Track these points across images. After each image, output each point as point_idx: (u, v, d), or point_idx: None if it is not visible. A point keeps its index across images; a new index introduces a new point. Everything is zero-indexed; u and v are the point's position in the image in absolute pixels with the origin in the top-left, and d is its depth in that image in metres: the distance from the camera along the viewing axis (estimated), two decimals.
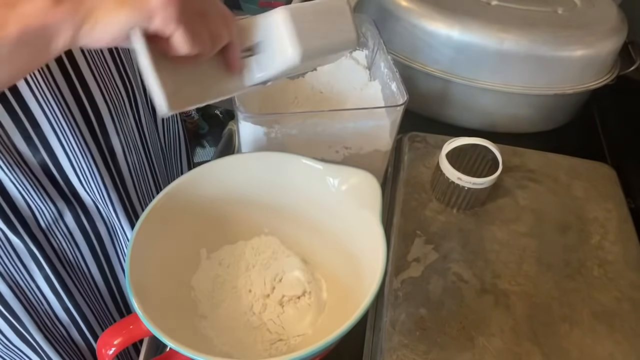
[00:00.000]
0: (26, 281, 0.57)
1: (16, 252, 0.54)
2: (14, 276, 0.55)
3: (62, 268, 0.58)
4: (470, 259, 0.52)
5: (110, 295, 0.68)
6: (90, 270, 0.63)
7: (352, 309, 0.40)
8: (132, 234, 0.44)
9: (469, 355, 0.44)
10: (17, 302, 0.57)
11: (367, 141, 0.58)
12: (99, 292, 0.66)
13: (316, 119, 0.55)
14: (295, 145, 0.57)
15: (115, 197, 0.59)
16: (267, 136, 0.56)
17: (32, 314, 0.59)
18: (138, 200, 0.63)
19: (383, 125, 0.56)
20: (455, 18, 0.68)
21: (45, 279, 0.57)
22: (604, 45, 0.69)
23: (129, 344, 0.42)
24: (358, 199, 0.49)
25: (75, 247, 0.59)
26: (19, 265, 0.55)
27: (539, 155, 0.63)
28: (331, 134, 0.57)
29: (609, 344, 0.46)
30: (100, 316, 0.66)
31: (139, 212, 0.64)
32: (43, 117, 0.48)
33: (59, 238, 0.57)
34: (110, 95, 0.55)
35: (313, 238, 0.55)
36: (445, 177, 0.54)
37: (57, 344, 0.63)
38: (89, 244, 0.61)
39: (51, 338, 0.62)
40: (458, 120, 0.76)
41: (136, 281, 0.42)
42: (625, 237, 0.55)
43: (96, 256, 0.62)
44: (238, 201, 0.55)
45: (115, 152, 0.57)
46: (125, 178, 0.60)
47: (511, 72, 0.69)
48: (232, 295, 0.53)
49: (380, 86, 0.62)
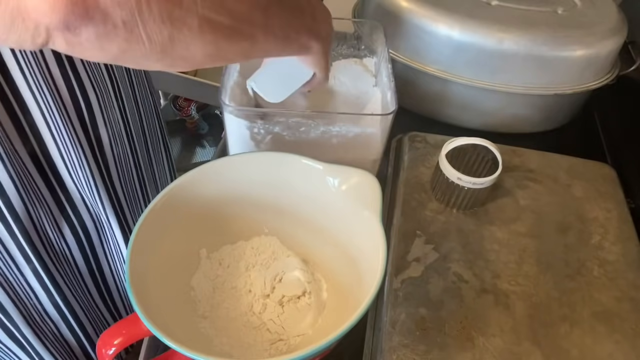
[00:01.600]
0: (15, 275, 0.56)
1: (3, 244, 0.54)
2: (2, 270, 0.55)
3: (50, 260, 0.58)
4: (470, 259, 0.52)
5: (97, 290, 0.68)
6: (77, 263, 0.63)
7: (352, 309, 0.40)
8: (131, 235, 0.44)
9: (469, 355, 0.44)
10: (5, 297, 0.56)
11: (353, 147, 0.57)
12: (86, 286, 0.66)
13: (298, 119, 0.55)
14: (281, 143, 0.57)
15: (102, 187, 0.59)
16: (250, 131, 0.56)
17: (22, 309, 0.59)
18: (122, 191, 0.64)
19: (369, 132, 0.56)
20: (455, 18, 0.68)
21: (34, 272, 0.57)
22: (604, 45, 0.69)
23: (129, 344, 0.42)
24: (358, 199, 0.49)
25: (61, 237, 0.59)
26: (6, 259, 0.55)
27: (539, 155, 0.63)
28: (315, 137, 0.56)
29: (609, 344, 0.46)
30: (89, 311, 0.66)
31: (123, 202, 0.64)
32: (34, 105, 0.49)
33: (45, 226, 0.56)
34: (98, 85, 0.55)
35: (313, 238, 0.55)
36: (445, 177, 0.54)
37: (47, 340, 0.63)
38: (75, 235, 0.61)
39: (41, 334, 0.62)
40: (458, 120, 0.76)
41: (136, 281, 0.42)
42: (625, 237, 0.55)
43: (82, 248, 0.62)
44: (238, 201, 0.55)
45: (102, 142, 0.57)
46: (111, 168, 0.60)
47: (511, 72, 0.69)
48: (232, 295, 0.53)
49: (380, 94, 0.62)
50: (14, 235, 0.54)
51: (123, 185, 0.64)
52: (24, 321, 0.59)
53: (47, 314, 0.62)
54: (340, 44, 0.68)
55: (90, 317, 0.67)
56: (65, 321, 0.64)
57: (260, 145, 0.58)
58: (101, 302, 0.69)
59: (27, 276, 0.57)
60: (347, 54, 0.69)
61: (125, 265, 0.42)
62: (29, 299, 0.59)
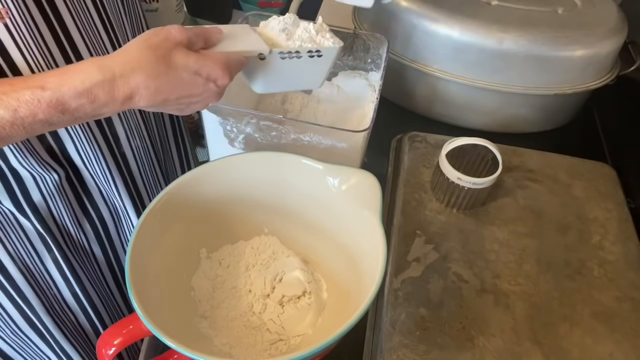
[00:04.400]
0: (36, 265, 0.58)
1: (26, 234, 0.55)
2: (25, 260, 0.56)
3: (69, 251, 0.59)
4: (470, 259, 0.52)
5: (115, 281, 0.69)
6: (95, 253, 0.64)
7: (352, 309, 0.40)
8: (132, 234, 0.45)
9: (469, 355, 0.44)
10: (28, 286, 0.58)
11: (325, 159, 0.54)
12: (104, 276, 0.67)
13: (267, 123, 0.55)
14: (255, 145, 0.57)
15: (120, 180, 0.60)
16: (224, 127, 0.57)
17: (42, 298, 0.60)
18: (144, 185, 0.65)
19: (340, 147, 0.55)
20: (455, 18, 0.68)
21: (54, 262, 0.58)
22: (604, 45, 0.69)
23: (129, 343, 0.42)
24: (358, 199, 0.49)
25: (80, 228, 0.60)
26: (29, 248, 0.56)
27: (539, 155, 0.63)
28: (287, 143, 0.56)
29: (609, 344, 0.46)
30: (107, 303, 0.67)
31: (144, 197, 0.66)
32: None
33: (64, 217, 0.57)
34: None
35: (313, 238, 0.55)
36: (445, 177, 0.54)
37: (67, 329, 0.64)
38: (93, 227, 0.62)
39: (60, 324, 0.63)
40: (458, 120, 0.76)
41: (136, 281, 0.42)
42: (625, 237, 0.55)
43: (99, 238, 0.63)
44: (238, 201, 0.55)
45: (119, 137, 0.58)
46: (130, 163, 0.61)
47: (511, 72, 0.69)
48: (232, 295, 0.53)
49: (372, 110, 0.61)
50: (35, 226, 0.55)
51: (144, 175, 0.65)
52: (45, 311, 0.60)
53: (66, 304, 0.63)
54: (347, 55, 0.68)
55: (107, 307, 0.68)
56: (84, 311, 0.65)
57: (234, 143, 0.58)
58: (118, 293, 0.70)
59: (48, 266, 0.59)
60: (353, 66, 0.69)
61: (125, 265, 0.42)
62: (49, 289, 0.60)
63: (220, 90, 0.44)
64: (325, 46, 0.50)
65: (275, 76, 0.50)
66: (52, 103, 0.38)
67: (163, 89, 0.41)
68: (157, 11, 0.86)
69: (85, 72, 0.38)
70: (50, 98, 0.37)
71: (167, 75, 0.40)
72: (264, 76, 0.50)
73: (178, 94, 0.42)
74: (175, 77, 0.41)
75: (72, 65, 0.39)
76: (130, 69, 0.39)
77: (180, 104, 0.43)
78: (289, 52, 0.48)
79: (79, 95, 0.38)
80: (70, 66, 0.39)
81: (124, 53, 0.40)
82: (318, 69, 0.52)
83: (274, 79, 0.51)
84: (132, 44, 0.40)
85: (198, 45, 0.43)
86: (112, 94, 0.39)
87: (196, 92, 0.43)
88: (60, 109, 0.38)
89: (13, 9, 0.42)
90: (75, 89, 0.38)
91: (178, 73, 0.41)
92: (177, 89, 0.41)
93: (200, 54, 0.42)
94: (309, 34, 0.50)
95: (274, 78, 0.50)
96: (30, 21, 0.44)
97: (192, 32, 0.42)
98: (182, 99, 0.43)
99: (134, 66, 0.39)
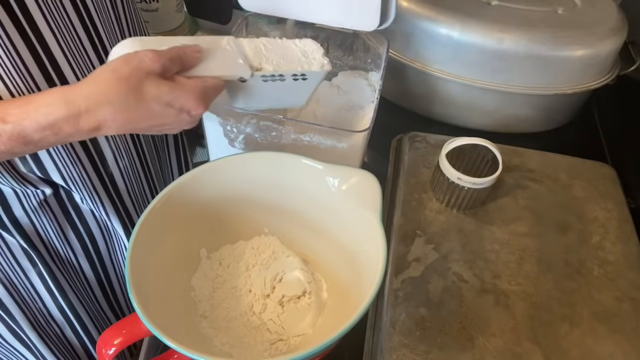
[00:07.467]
0: (20, 279, 0.57)
1: (10, 249, 0.54)
2: (9, 274, 0.56)
3: (55, 265, 0.58)
4: (470, 259, 0.52)
5: (104, 295, 0.68)
6: (82, 268, 0.63)
7: (352, 309, 0.40)
8: (132, 234, 0.44)
9: (469, 355, 0.44)
10: (11, 300, 0.57)
11: (325, 159, 0.54)
12: (92, 291, 0.66)
13: (267, 123, 0.54)
14: (255, 145, 0.57)
15: (108, 202, 0.58)
16: (224, 128, 0.56)
17: (27, 313, 0.59)
18: (130, 199, 0.63)
19: (340, 147, 0.55)
20: (455, 18, 0.68)
21: (39, 276, 0.57)
22: (604, 45, 0.69)
23: (129, 344, 0.42)
24: (358, 199, 0.49)
25: (67, 243, 0.59)
26: (12, 263, 0.55)
27: (539, 155, 0.63)
28: (287, 143, 0.56)
29: (609, 344, 0.46)
30: (95, 316, 0.66)
31: (133, 214, 0.64)
32: None
33: (49, 233, 0.56)
34: None
35: (313, 238, 0.55)
36: (445, 177, 0.54)
37: (52, 343, 0.63)
38: (81, 241, 0.61)
39: (45, 337, 0.62)
40: (458, 120, 0.76)
41: (136, 281, 0.42)
42: (625, 237, 0.55)
43: (88, 253, 0.62)
44: (238, 201, 0.55)
45: (105, 158, 0.56)
46: (118, 183, 0.60)
47: (511, 72, 0.69)
48: (232, 295, 0.53)
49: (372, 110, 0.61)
50: (18, 241, 0.54)
51: (132, 194, 0.63)
52: (28, 324, 0.59)
53: (52, 317, 0.62)
54: (347, 55, 0.67)
55: (96, 320, 0.67)
56: (70, 325, 0.64)
57: (234, 143, 0.58)
58: (107, 306, 0.69)
59: (32, 280, 0.58)
60: (353, 66, 0.68)
61: (125, 265, 0.42)
62: (34, 302, 0.59)
63: (194, 119, 0.43)
64: (311, 70, 0.48)
65: (256, 96, 0.49)
66: (13, 136, 0.37)
67: (132, 120, 0.39)
68: (157, 11, 0.86)
69: (50, 106, 0.37)
70: (12, 131, 0.37)
71: (137, 108, 0.39)
72: (244, 96, 0.48)
73: (148, 124, 0.41)
74: (145, 109, 0.39)
75: (37, 95, 0.38)
76: (97, 103, 0.37)
77: (151, 131, 0.42)
78: (272, 76, 0.46)
79: (42, 129, 0.37)
80: (34, 96, 0.38)
81: (92, 83, 0.38)
82: (303, 91, 0.51)
83: (255, 98, 0.49)
84: (102, 73, 0.39)
85: (174, 70, 0.41)
86: (77, 127, 0.38)
87: (168, 121, 0.41)
88: (22, 142, 0.37)
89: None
90: (37, 123, 0.37)
91: (148, 105, 0.39)
92: (147, 120, 0.40)
93: (175, 82, 0.40)
94: (297, 56, 0.48)
95: (255, 98, 0.49)
96: (9, 45, 0.42)
97: (166, 58, 0.40)
98: (153, 127, 0.42)
99: (101, 100, 0.38)
